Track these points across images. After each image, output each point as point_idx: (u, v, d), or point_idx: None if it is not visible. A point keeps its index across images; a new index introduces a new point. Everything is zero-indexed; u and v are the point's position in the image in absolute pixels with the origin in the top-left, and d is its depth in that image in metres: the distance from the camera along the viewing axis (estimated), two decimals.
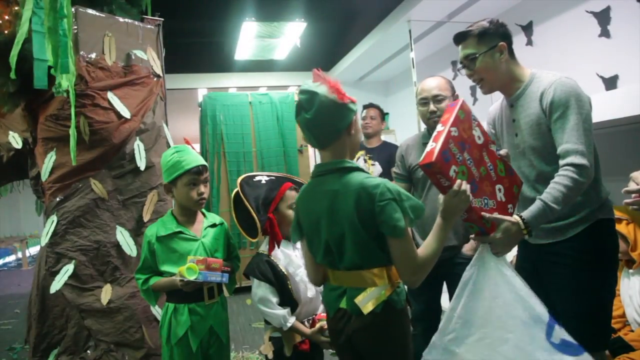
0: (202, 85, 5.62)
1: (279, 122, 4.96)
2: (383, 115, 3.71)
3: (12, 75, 1.85)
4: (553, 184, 1.48)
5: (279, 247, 1.77)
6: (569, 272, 1.59)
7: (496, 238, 1.41)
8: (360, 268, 1.32)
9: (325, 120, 1.31)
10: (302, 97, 1.31)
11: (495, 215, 1.42)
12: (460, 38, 1.69)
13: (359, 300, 1.30)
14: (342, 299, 1.35)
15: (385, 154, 3.43)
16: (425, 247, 1.30)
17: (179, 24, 3.68)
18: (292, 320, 1.70)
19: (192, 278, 1.63)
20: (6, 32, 2.31)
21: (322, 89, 1.29)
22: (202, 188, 1.81)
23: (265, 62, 5.29)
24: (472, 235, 1.47)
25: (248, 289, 1.76)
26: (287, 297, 1.72)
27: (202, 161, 1.83)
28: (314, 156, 5.80)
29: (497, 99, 1.90)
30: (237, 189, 1.82)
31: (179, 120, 5.95)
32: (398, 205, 1.25)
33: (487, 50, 1.62)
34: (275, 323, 1.71)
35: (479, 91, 4.14)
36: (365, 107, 3.71)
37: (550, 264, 1.65)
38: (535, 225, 1.46)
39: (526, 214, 1.46)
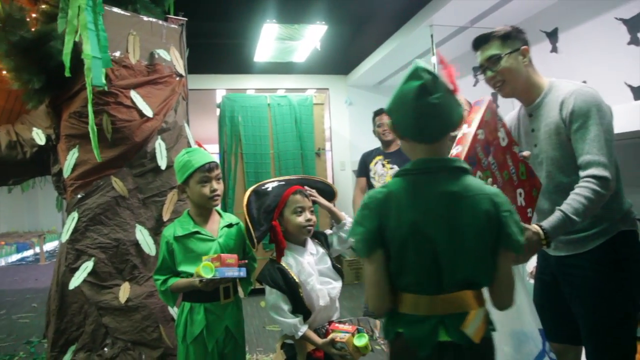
0: (221, 86, 5.64)
1: (297, 125, 4.96)
2: None
3: (67, 72, 1.87)
4: (574, 195, 1.45)
5: (283, 254, 1.75)
6: (589, 285, 1.55)
7: None
8: (469, 288, 1.15)
9: (448, 110, 1.15)
10: (428, 78, 1.13)
11: None
12: (482, 41, 1.66)
13: (467, 328, 1.11)
14: (441, 330, 1.13)
15: (405, 158, 3.39)
16: None
17: (200, 25, 3.70)
18: (303, 329, 1.67)
19: (209, 276, 1.62)
20: (33, 29, 2.33)
21: (441, 75, 1.16)
22: (214, 184, 1.82)
23: (284, 64, 5.29)
24: None
25: (262, 292, 1.75)
26: (300, 305, 1.69)
27: (211, 158, 1.83)
28: (331, 159, 5.78)
29: (515, 106, 1.86)
30: (245, 199, 1.82)
31: (196, 121, 5.99)
32: (514, 218, 1.15)
33: (512, 52, 1.61)
34: (287, 331, 1.70)
35: (499, 98, 4.11)
36: (378, 113, 3.66)
37: (571, 277, 1.61)
38: (555, 236, 1.43)
39: (546, 224, 1.43)
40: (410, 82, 1.14)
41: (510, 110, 1.89)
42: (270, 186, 1.85)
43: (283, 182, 1.88)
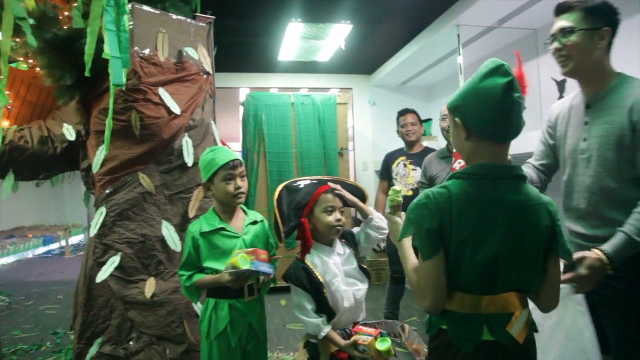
0: (244, 84, 5.68)
1: (320, 124, 4.95)
2: (421, 120, 3.66)
3: (87, 72, 1.90)
4: (637, 214, 1.36)
5: (308, 252, 1.74)
6: (623, 297, 1.47)
7: (582, 275, 1.31)
8: (515, 291, 1.17)
9: (522, 111, 1.16)
10: (513, 76, 1.14)
11: (578, 253, 1.33)
12: (563, 8, 1.52)
13: (512, 328, 1.14)
14: (484, 329, 1.15)
15: None
16: None
17: (224, 24, 3.71)
18: (326, 330, 1.66)
19: (245, 267, 1.63)
20: (65, 27, 2.38)
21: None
22: (238, 182, 1.83)
23: (308, 63, 5.29)
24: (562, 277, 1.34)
25: (282, 290, 1.76)
26: (324, 305, 1.69)
27: (235, 156, 1.85)
28: (353, 159, 5.76)
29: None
30: (275, 194, 1.83)
31: (219, 119, 6.06)
32: (562, 227, 1.20)
33: (588, 29, 1.47)
34: (310, 330, 1.70)
35: (526, 100, 4.03)
36: (402, 113, 3.64)
37: (602, 287, 1.50)
38: (619, 260, 1.34)
39: (608, 247, 1.34)
40: (494, 79, 1.13)
41: (537, 113, 1.84)
42: (302, 183, 1.86)
43: (315, 181, 1.88)
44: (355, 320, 1.78)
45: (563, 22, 1.51)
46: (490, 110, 1.13)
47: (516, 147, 2.67)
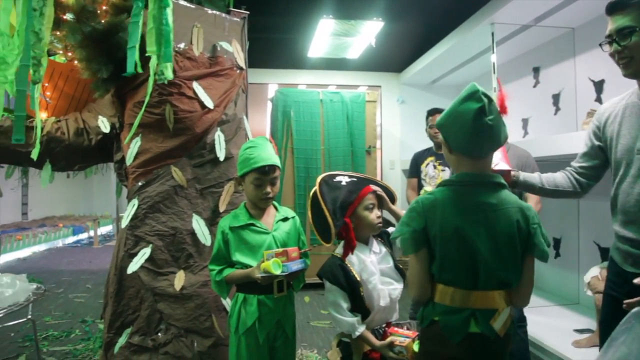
0: (273, 80, 5.69)
1: (349, 122, 4.93)
2: None
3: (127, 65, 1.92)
4: None
5: (352, 253, 1.71)
6: None
7: None
8: (500, 288, 1.32)
9: (498, 130, 1.30)
10: (486, 101, 1.26)
11: None
12: (617, 6, 1.45)
13: (495, 322, 1.30)
14: (471, 322, 1.30)
15: None
16: None
17: (256, 20, 3.72)
18: (361, 329, 1.64)
19: (278, 272, 1.63)
20: (103, 21, 2.41)
21: (493, 97, 1.30)
22: (267, 187, 1.83)
23: (337, 60, 5.27)
24: (627, 302, 1.31)
25: (307, 287, 1.74)
26: (359, 304, 1.66)
27: (271, 160, 1.82)
28: (380, 158, 5.72)
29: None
30: (316, 188, 1.77)
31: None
32: (542, 231, 1.32)
33: None
34: (344, 329, 1.67)
35: (561, 100, 3.93)
36: (431, 112, 3.60)
37: None
38: None
39: None
40: (468, 104, 1.27)
41: (572, 113, 1.77)
42: (343, 180, 1.81)
43: (355, 179, 1.84)
44: (388, 320, 1.75)
45: (620, 21, 1.43)
46: (464, 132, 1.30)
47: (552, 149, 2.60)
